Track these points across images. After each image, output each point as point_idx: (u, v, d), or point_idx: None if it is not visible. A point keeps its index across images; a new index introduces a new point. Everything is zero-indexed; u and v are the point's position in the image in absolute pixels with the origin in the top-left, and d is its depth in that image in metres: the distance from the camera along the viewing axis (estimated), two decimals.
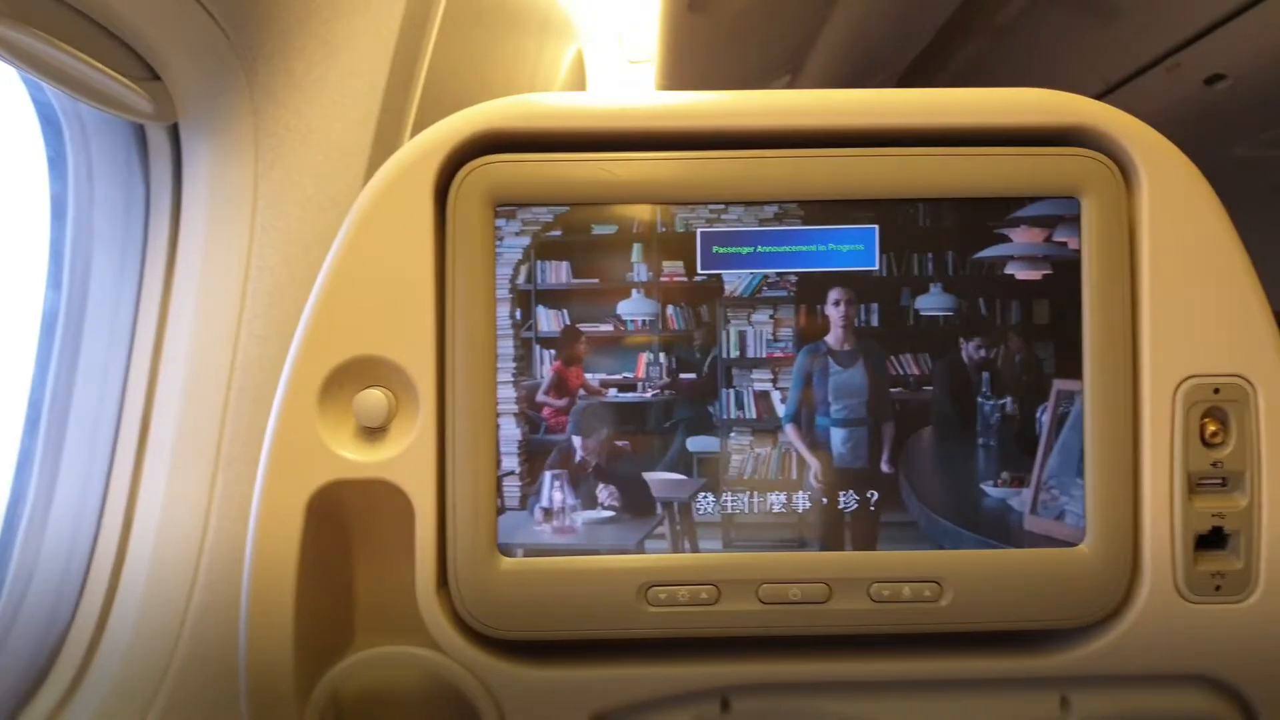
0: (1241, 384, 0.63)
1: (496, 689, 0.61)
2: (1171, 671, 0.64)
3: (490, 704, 0.61)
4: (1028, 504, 0.64)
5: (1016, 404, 0.64)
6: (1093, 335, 0.63)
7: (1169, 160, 0.63)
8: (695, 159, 0.62)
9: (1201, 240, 0.63)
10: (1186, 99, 3.45)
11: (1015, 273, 0.64)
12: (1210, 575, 0.63)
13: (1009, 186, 0.63)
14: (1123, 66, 3.48)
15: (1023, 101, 0.64)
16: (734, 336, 0.63)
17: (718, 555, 0.62)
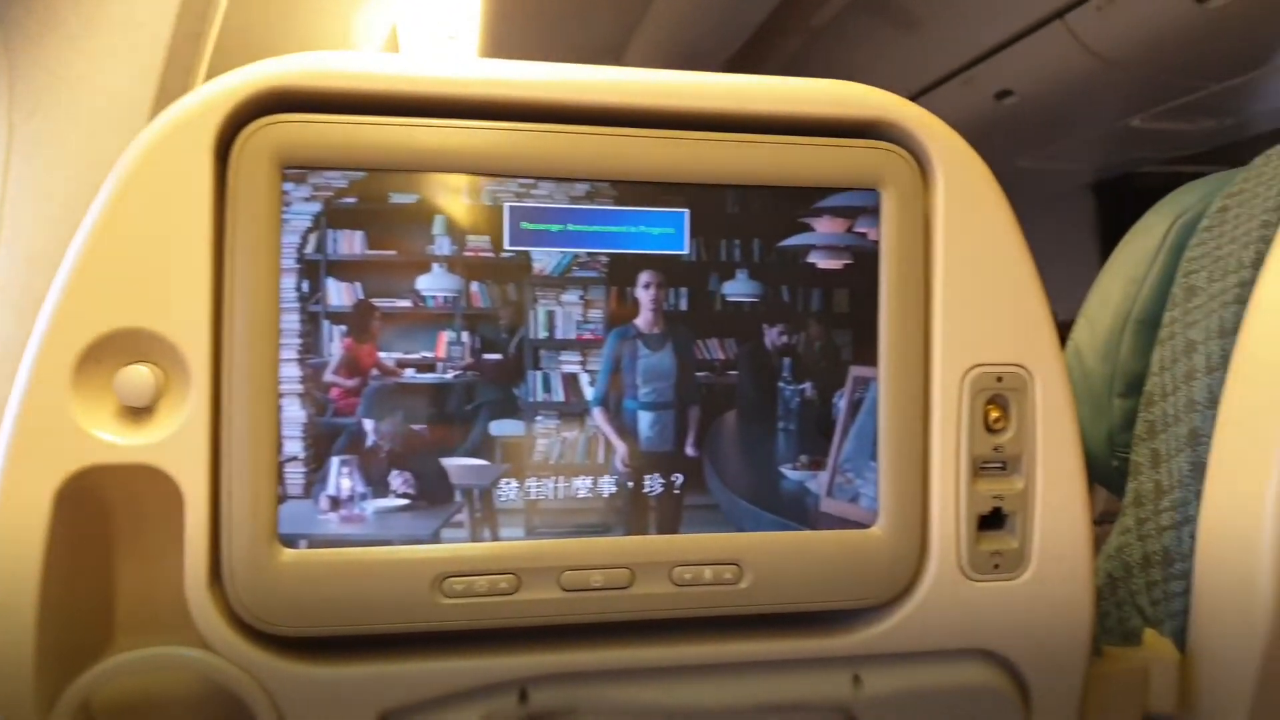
0: (1021, 373, 0.66)
1: (275, 690, 0.57)
2: (954, 646, 0.67)
3: (267, 706, 0.56)
4: (824, 486, 0.65)
5: (816, 389, 0.65)
6: (888, 324, 0.65)
7: (963, 158, 0.66)
8: (504, 130, 0.60)
9: (990, 236, 0.66)
10: (979, 111, 3.70)
11: (817, 262, 0.65)
12: (990, 554, 0.66)
13: (813, 176, 0.64)
14: (924, 76, 3.69)
15: (828, 92, 0.65)
16: (542, 317, 0.61)
17: (518, 543, 0.60)
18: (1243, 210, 0.79)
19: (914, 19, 3.38)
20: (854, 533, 0.65)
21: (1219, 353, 0.77)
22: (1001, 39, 3.26)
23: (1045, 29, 3.11)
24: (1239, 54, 3.00)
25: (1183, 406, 0.79)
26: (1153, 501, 0.80)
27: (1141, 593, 0.80)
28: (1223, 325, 0.77)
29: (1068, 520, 0.67)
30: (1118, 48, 3.02)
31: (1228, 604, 0.75)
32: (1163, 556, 0.79)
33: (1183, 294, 0.81)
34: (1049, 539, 0.67)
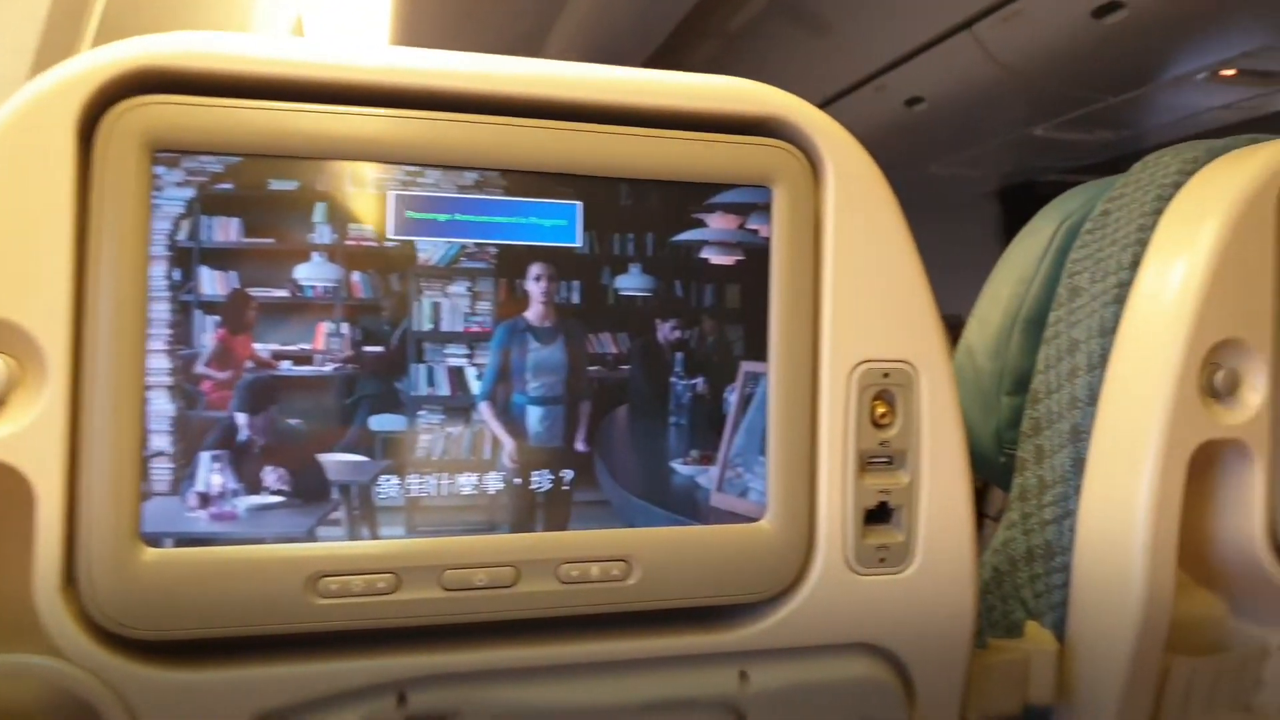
0: (908, 369, 0.67)
1: (134, 698, 0.54)
2: (840, 640, 0.68)
3: (121, 715, 0.54)
4: (715, 481, 0.65)
5: (707, 384, 0.65)
6: (778, 320, 0.65)
7: (853, 156, 0.67)
8: (389, 117, 0.58)
9: (879, 234, 0.67)
10: (891, 117, 3.78)
11: (710, 257, 0.65)
12: (876, 548, 0.67)
13: (706, 172, 0.64)
14: (839, 81, 3.76)
15: (721, 89, 0.65)
16: (427, 308, 0.60)
17: (398, 542, 0.58)
18: (1122, 214, 0.82)
19: (828, 25, 3.44)
20: (743, 527, 0.65)
21: (1099, 351, 0.79)
22: (912, 47, 3.34)
23: (954, 38, 3.20)
24: (1133, 69, 3.12)
25: (1065, 404, 0.81)
26: (1036, 496, 0.82)
27: (1025, 586, 0.83)
28: (1103, 324, 0.79)
29: (952, 514, 0.69)
30: (1022, 59, 3.12)
31: (1103, 596, 0.77)
32: (1045, 550, 0.81)
33: (1067, 294, 0.84)
34: (933, 533, 0.68)
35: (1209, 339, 0.74)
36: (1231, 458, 0.77)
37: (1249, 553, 0.77)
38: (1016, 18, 2.93)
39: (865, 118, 3.83)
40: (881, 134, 3.89)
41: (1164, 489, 0.74)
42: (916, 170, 4.27)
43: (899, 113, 3.65)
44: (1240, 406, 0.75)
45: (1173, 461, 0.74)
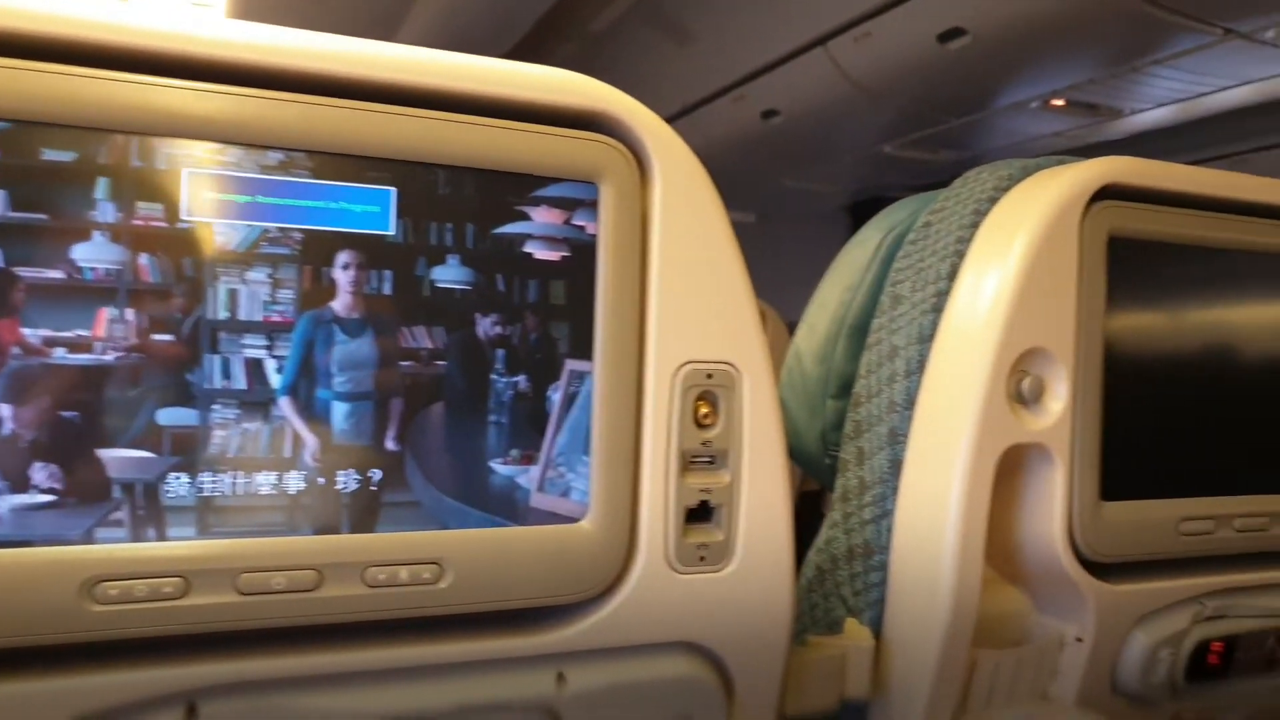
0: (730, 370, 0.68)
1: None
2: (659, 639, 0.68)
3: None
4: (536, 481, 0.64)
5: (530, 382, 0.63)
6: (604, 318, 0.64)
7: (680, 157, 0.67)
8: (184, 89, 0.54)
9: (704, 235, 0.67)
10: (749, 128, 3.86)
11: (534, 252, 0.63)
12: (696, 547, 0.67)
13: (530, 164, 0.62)
14: (699, 90, 3.81)
15: (547, 80, 0.64)
16: (223, 296, 0.56)
17: (188, 544, 0.55)
18: (942, 226, 0.85)
19: (690, 34, 3.49)
20: (563, 528, 0.64)
21: (917, 357, 0.82)
22: (770, 60, 3.41)
23: (809, 54, 3.29)
24: (975, 93, 3.29)
25: (884, 407, 0.83)
26: (857, 497, 0.84)
27: (845, 584, 0.85)
28: (921, 332, 0.82)
29: (771, 513, 0.69)
30: (873, 78, 3.24)
31: (916, 593, 0.80)
32: (864, 549, 0.83)
33: (889, 302, 0.86)
34: (753, 531, 0.69)
35: (1016, 348, 0.77)
36: (1036, 461, 0.80)
37: (1049, 551, 0.81)
38: (868, 38, 3.04)
39: (724, 127, 3.90)
40: (740, 145, 3.97)
41: (972, 490, 0.77)
42: (772, 182, 4.38)
43: (756, 124, 3.73)
44: (1044, 413, 0.79)
45: (981, 464, 0.77)
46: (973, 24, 2.77)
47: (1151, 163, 0.82)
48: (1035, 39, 2.80)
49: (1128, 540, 0.82)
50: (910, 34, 2.95)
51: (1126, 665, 0.85)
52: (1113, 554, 0.82)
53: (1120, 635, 0.85)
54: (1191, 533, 0.85)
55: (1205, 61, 2.88)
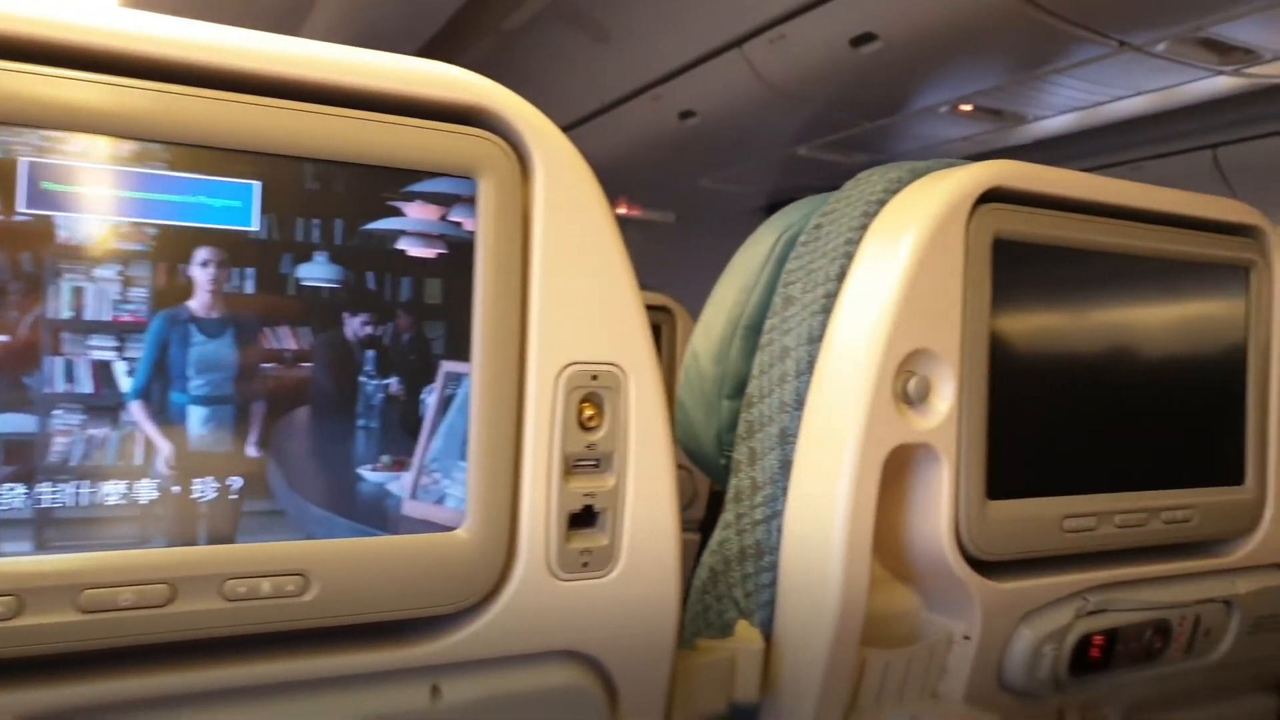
0: (616, 371, 0.67)
1: None
2: (541, 649, 0.66)
3: None
4: (408, 488, 0.62)
5: (403, 384, 0.61)
6: (483, 318, 0.62)
7: (563, 153, 0.65)
8: (24, 72, 0.51)
9: (588, 233, 0.66)
10: (666, 129, 3.86)
11: (408, 249, 0.61)
12: (579, 553, 0.66)
13: (403, 159, 0.60)
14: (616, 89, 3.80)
15: (424, 73, 0.61)
16: (67, 294, 0.53)
17: (23, 559, 0.51)
18: (832, 228, 0.85)
19: (606, 33, 3.47)
20: (438, 536, 0.62)
21: (807, 358, 0.82)
22: (686, 61, 3.42)
23: (725, 55, 3.30)
24: (887, 97, 3.34)
25: (776, 408, 0.83)
26: (749, 498, 0.84)
27: (737, 585, 0.84)
28: (811, 333, 0.82)
29: (656, 517, 0.68)
30: (787, 80, 3.27)
31: (805, 593, 0.80)
32: (755, 550, 0.83)
33: (781, 303, 0.86)
34: (638, 536, 0.68)
35: (902, 349, 0.78)
36: (923, 461, 0.81)
37: (937, 550, 0.82)
38: (782, 40, 3.07)
39: (642, 127, 3.90)
40: (658, 145, 3.97)
41: (859, 490, 0.77)
42: (691, 183, 4.39)
43: (673, 125, 3.73)
44: (930, 413, 0.80)
45: (867, 464, 0.77)
46: (884, 29, 2.81)
47: (1034, 167, 0.83)
48: (943, 45, 2.86)
49: (1013, 538, 0.84)
50: (823, 38, 2.98)
51: (1013, 661, 0.87)
52: (998, 552, 0.83)
53: (1006, 632, 0.86)
54: (1074, 530, 0.86)
55: (1102, 72, 2.98)
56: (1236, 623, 0.98)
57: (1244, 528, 0.98)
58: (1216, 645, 0.98)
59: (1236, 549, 0.99)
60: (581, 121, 4.03)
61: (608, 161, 4.30)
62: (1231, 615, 0.98)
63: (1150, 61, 2.85)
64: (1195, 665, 0.98)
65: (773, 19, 3.00)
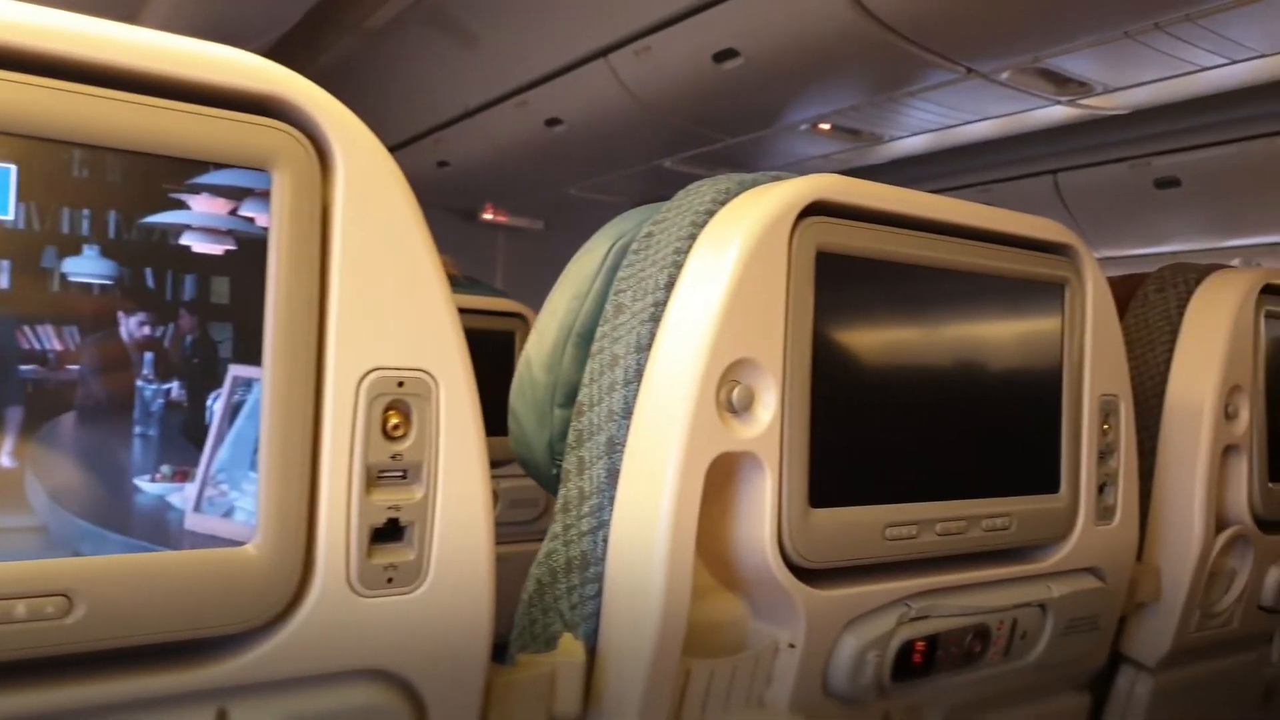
0: (425, 378, 0.64)
1: None
2: (341, 668, 0.63)
3: None
4: (192, 501, 0.57)
5: (186, 390, 0.57)
6: (277, 321, 0.59)
7: (367, 149, 0.62)
8: None
9: (394, 234, 0.63)
10: (532, 135, 3.83)
11: (193, 245, 0.57)
12: (384, 568, 0.63)
13: (188, 148, 0.56)
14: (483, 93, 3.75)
15: (213, 58, 0.58)
16: None
17: None
18: (663, 237, 0.85)
19: (472, 36, 3.42)
20: (224, 552, 0.58)
21: (635, 366, 0.81)
22: (552, 68, 3.41)
23: (591, 64, 3.30)
24: (749, 114, 3.40)
25: (604, 416, 0.82)
26: (576, 508, 0.82)
27: (563, 597, 0.82)
28: (639, 341, 0.81)
29: (469, 529, 0.66)
30: (652, 93, 3.29)
31: (628, 604, 0.78)
32: (581, 561, 0.81)
33: (612, 311, 0.85)
34: (448, 549, 0.65)
35: (726, 358, 0.78)
36: (747, 470, 0.81)
37: (760, 558, 0.82)
38: (647, 53, 3.09)
39: (509, 134, 3.86)
40: (525, 151, 3.94)
41: (682, 499, 0.76)
42: (559, 190, 4.37)
43: (541, 132, 3.70)
44: (754, 422, 0.80)
45: (690, 473, 0.76)
46: (745, 46, 2.87)
47: (856, 181, 0.85)
48: (803, 64, 2.94)
49: (835, 546, 0.85)
50: (687, 52, 3.02)
51: (837, 668, 0.88)
52: (821, 560, 0.84)
53: (831, 639, 0.87)
54: (896, 537, 0.88)
55: (952, 96, 3.11)
56: (1051, 625, 1.02)
57: (1058, 534, 1.03)
58: (1033, 647, 1.02)
59: (1051, 554, 1.03)
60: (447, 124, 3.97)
61: (475, 166, 4.24)
62: (1046, 618, 1.01)
63: (995, 88, 3.00)
64: (1013, 667, 1.01)
65: (638, 31, 3.02)
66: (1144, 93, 3.01)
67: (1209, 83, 2.89)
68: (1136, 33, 2.50)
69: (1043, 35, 2.63)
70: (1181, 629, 1.21)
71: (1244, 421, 1.22)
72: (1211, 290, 1.23)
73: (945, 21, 2.58)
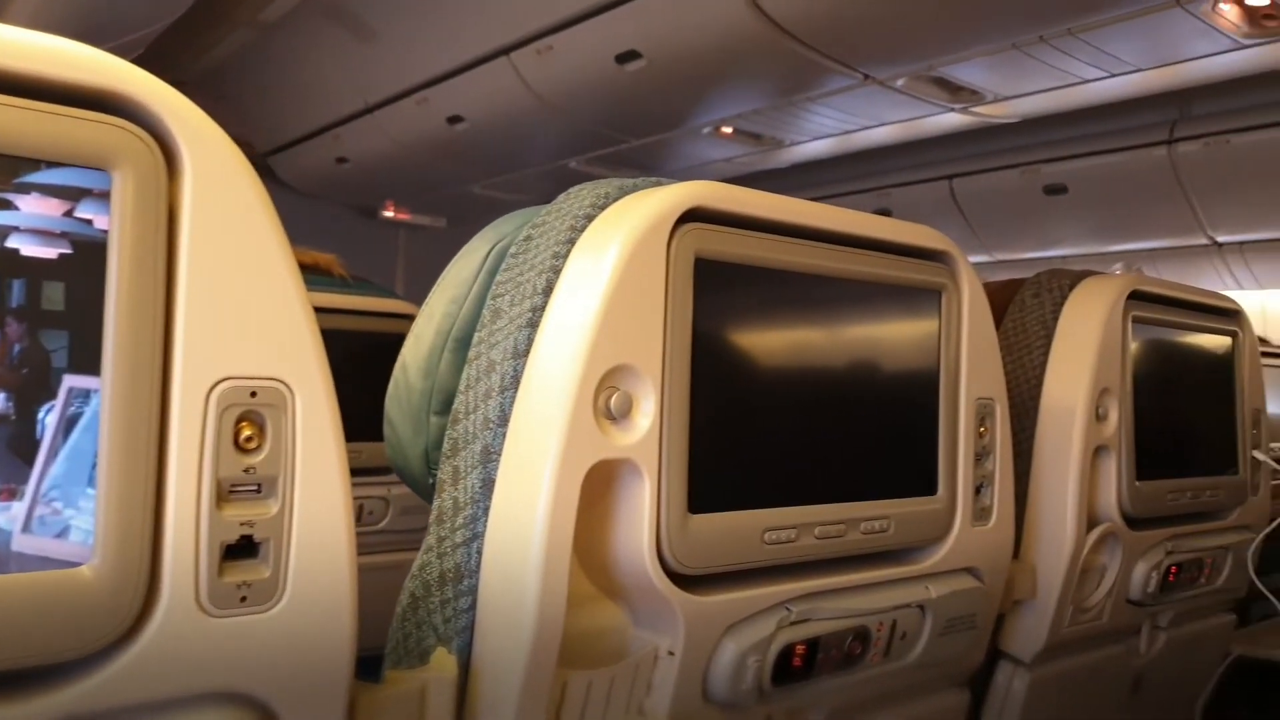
0: (280, 388, 0.61)
1: None
2: (192, 692, 0.60)
3: None
4: (20, 521, 0.54)
5: (14, 401, 0.54)
6: (117, 328, 0.56)
7: (217, 147, 0.59)
8: None
9: (248, 238, 0.60)
10: (434, 133, 3.78)
11: (21, 247, 0.54)
12: (236, 586, 0.60)
13: (18, 145, 0.53)
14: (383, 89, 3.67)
15: (45, 50, 0.54)
16: None
17: None
18: (542, 240, 0.84)
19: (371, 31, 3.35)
20: (56, 574, 0.54)
21: (512, 373, 0.80)
22: (454, 65, 3.36)
23: (493, 63, 3.27)
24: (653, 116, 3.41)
25: (480, 424, 0.80)
26: (450, 519, 0.81)
27: (437, 611, 0.80)
28: (516, 347, 0.80)
29: (328, 545, 0.64)
30: (555, 92, 3.27)
31: (502, 616, 0.77)
32: (455, 573, 0.79)
33: (490, 315, 0.84)
34: (307, 566, 0.63)
35: (604, 364, 0.77)
36: (626, 477, 0.81)
37: (639, 565, 0.81)
38: (550, 52, 3.07)
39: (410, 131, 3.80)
40: (427, 149, 3.88)
41: (558, 508, 0.75)
42: (462, 189, 4.32)
43: (442, 129, 3.66)
44: (632, 428, 0.79)
45: (567, 481, 0.75)
46: (647, 48, 2.87)
47: (734, 188, 0.85)
48: (704, 68, 2.96)
49: (714, 551, 0.84)
50: (590, 52, 3.01)
51: (717, 674, 0.88)
52: (700, 565, 0.84)
53: (710, 645, 0.87)
54: (775, 541, 0.89)
55: (851, 102, 3.18)
56: (930, 625, 1.04)
57: (936, 535, 1.05)
58: (912, 648, 1.04)
59: (929, 555, 1.05)
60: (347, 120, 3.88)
61: (375, 163, 4.16)
62: (925, 618, 1.03)
63: (891, 95, 3.07)
64: (893, 667, 1.03)
65: (540, 30, 3.00)
66: (1032, 102, 3.13)
67: (1092, 94, 3.02)
68: (1023, 44, 2.59)
69: (936, 44, 2.70)
70: (1055, 624, 1.26)
71: (1113, 422, 1.27)
72: (1083, 296, 1.27)
73: (842, 29, 2.64)
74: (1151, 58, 2.65)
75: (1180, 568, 1.39)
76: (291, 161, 4.55)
